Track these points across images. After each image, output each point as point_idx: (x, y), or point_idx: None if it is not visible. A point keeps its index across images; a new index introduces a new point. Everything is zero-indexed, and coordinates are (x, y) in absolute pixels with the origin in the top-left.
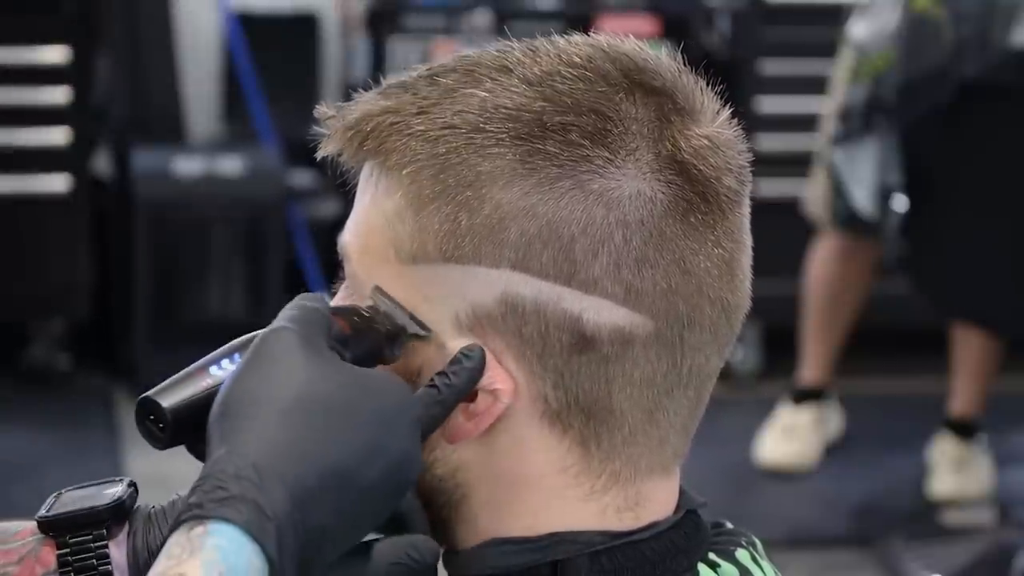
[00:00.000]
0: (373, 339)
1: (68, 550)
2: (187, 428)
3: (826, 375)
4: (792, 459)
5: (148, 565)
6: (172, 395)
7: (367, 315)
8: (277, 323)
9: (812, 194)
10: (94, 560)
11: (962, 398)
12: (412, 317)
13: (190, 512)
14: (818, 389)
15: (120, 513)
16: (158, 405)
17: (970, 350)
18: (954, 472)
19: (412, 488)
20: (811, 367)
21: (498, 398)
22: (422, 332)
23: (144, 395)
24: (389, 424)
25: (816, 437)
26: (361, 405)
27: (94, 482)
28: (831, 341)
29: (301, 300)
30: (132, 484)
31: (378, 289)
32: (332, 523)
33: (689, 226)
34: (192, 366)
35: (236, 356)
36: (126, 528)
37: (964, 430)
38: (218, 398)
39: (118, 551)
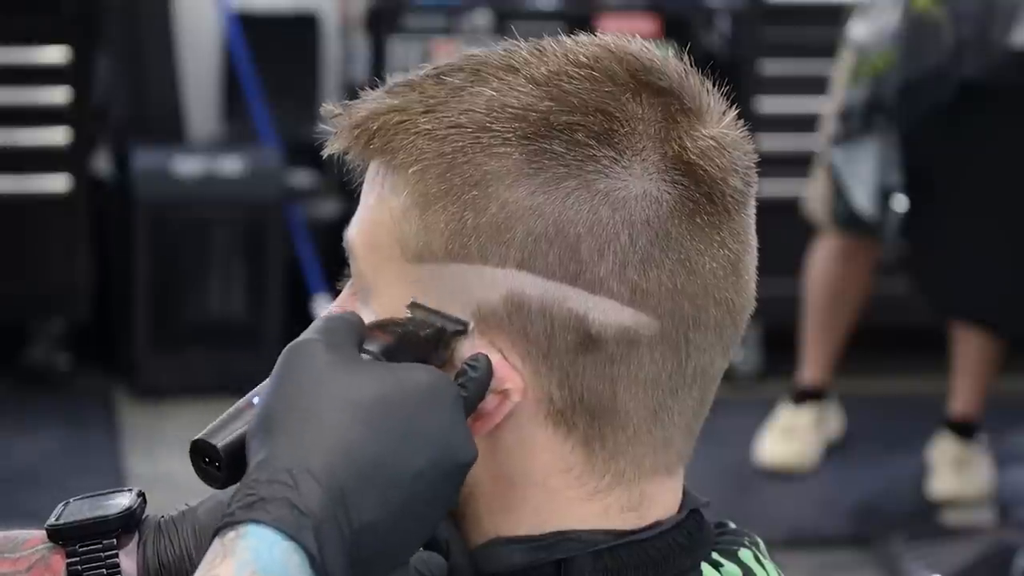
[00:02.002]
0: (416, 346)
1: (78, 559)
2: (243, 463)
3: (826, 375)
4: (792, 459)
5: (159, 574)
6: (223, 433)
7: (404, 323)
8: (302, 336)
9: (812, 194)
10: (104, 569)
11: (962, 398)
12: (445, 315)
13: (224, 521)
14: (818, 389)
15: (130, 522)
16: (211, 446)
17: (970, 350)
18: (954, 472)
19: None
20: (811, 367)
21: (508, 397)
22: (460, 328)
23: (196, 438)
24: (426, 410)
25: (816, 437)
26: (393, 396)
27: (102, 491)
28: (831, 341)
29: (327, 313)
30: (141, 494)
31: (414, 302)
32: (383, 516)
33: (695, 226)
34: (239, 401)
35: None
36: (136, 538)
37: (964, 430)
38: (253, 418)
39: (128, 560)
